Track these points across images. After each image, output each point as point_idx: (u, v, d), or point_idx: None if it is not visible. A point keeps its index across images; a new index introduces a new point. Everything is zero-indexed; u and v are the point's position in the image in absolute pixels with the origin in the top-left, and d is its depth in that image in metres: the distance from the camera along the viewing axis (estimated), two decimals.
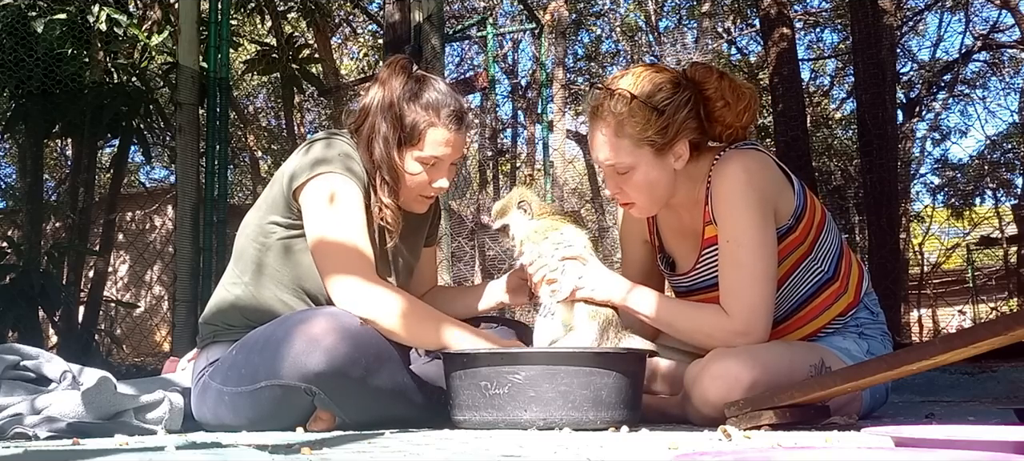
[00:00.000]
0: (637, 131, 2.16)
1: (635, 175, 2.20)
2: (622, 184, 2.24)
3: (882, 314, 2.42)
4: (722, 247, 2.19)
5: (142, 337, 9.05)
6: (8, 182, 12.16)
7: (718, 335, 2.17)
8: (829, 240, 2.33)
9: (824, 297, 2.31)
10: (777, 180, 2.22)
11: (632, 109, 2.15)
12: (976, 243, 16.30)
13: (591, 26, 17.29)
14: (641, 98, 2.15)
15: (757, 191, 2.15)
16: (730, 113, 2.24)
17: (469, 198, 10.33)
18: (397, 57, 2.31)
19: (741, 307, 2.15)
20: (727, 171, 2.17)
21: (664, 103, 2.16)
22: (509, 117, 17.53)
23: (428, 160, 2.20)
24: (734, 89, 2.24)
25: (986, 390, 3.96)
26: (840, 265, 2.33)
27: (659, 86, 2.18)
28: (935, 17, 16.31)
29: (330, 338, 1.94)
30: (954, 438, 1.37)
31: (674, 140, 2.18)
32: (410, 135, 2.18)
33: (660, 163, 2.19)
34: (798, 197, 2.25)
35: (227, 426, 2.09)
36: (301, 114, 15.71)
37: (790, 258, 2.26)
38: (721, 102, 2.23)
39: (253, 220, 2.24)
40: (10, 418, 1.91)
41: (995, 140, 16.83)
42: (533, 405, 1.92)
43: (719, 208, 2.19)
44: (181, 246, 4.71)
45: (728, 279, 2.18)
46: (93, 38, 5.87)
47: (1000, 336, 1.42)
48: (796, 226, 2.24)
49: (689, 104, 2.19)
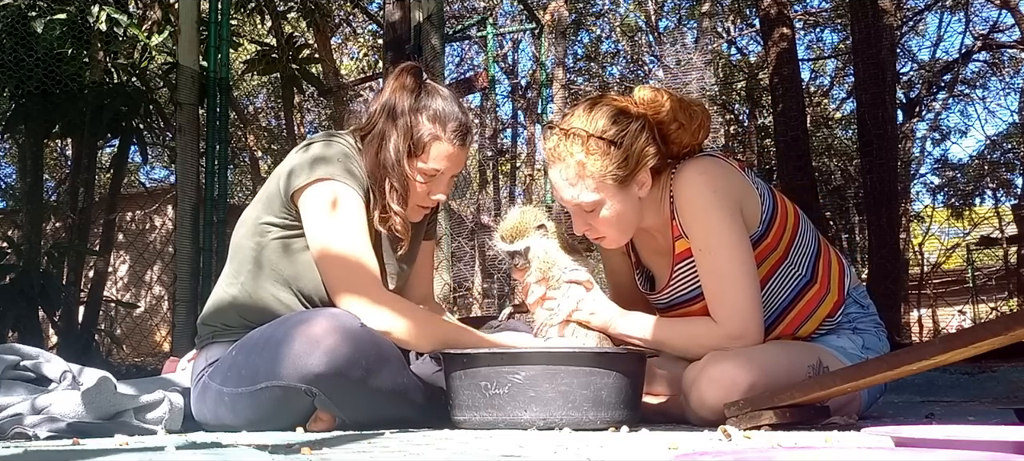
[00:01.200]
0: (598, 168, 2.15)
1: (602, 211, 2.19)
2: (590, 221, 2.23)
3: (872, 305, 2.41)
4: (697, 258, 2.19)
5: (142, 337, 9.05)
6: (8, 182, 12.16)
7: (714, 344, 2.17)
8: (804, 243, 2.31)
9: (806, 301, 2.29)
10: (738, 183, 2.21)
11: (589, 147, 2.14)
12: (976, 243, 16.30)
13: (591, 26, 17.30)
14: (597, 135, 2.15)
15: (718, 193, 2.15)
16: (685, 134, 2.23)
17: (469, 198, 10.32)
18: (407, 64, 2.30)
19: (729, 313, 2.15)
20: (685, 179, 2.17)
21: (620, 135, 2.15)
22: (509, 117, 17.55)
23: (430, 172, 2.22)
24: (685, 109, 2.23)
25: (986, 390, 3.96)
26: (817, 265, 2.31)
27: (613, 119, 2.16)
28: (935, 17, 16.35)
29: (330, 339, 1.94)
30: (954, 438, 1.37)
31: (635, 170, 2.17)
32: (416, 146, 2.19)
33: (624, 195, 2.19)
34: (766, 201, 2.24)
35: (227, 426, 2.08)
36: (301, 114, 15.71)
37: (765, 264, 2.24)
38: (675, 124, 2.21)
39: (250, 217, 2.23)
40: (10, 418, 1.91)
41: (995, 140, 16.85)
42: (533, 405, 1.92)
43: (685, 218, 2.19)
44: (181, 246, 4.72)
45: (710, 288, 2.18)
46: (93, 38, 5.88)
47: (1000, 336, 1.42)
48: (767, 232, 2.23)
49: (644, 131, 2.18)
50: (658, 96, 2.23)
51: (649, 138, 2.17)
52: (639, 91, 2.26)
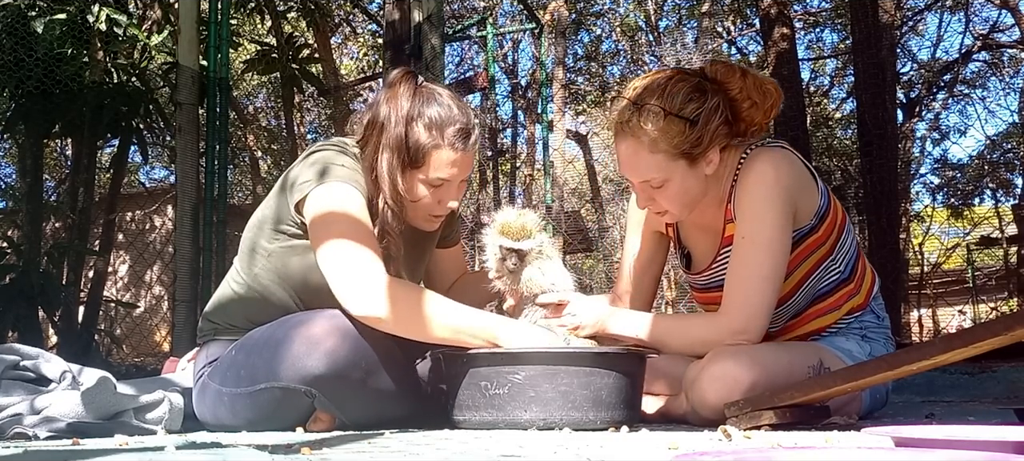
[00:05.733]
0: (672, 146, 2.12)
1: (670, 187, 2.18)
2: (655, 195, 2.21)
3: (887, 319, 2.42)
4: (737, 242, 2.17)
5: (142, 337, 9.05)
6: (8, 182, 12.16)
7: (713, 338, 2.16)
8: (848, 242, 2.33)
9: (837, 296, 2.31)
10: (803, 179, 2.20)
11: (664, 125, 2.11)
12: (976, 243, 16.30)
13: (591, 26, 17.29)
14: (674, 112, 2.11)
15: (783, 192, 2.14)
16: (758, 112, 2.21)
17: (469, 198, 10.32)
18: (402, 70, 2.23)
19: (741, 306, 2.14)
20: (757, 170, 2.15)
21: (696, 114, 2.12)
22: (509, 117, 17.54)
23: (434, 182, 2.14)
24: (759, 87, 2.21)
25: (986, 390, 3.95)
26: (857, 267, 2.34)
27: (689, 97, 2.13)
28: (935, 17, 16.34)
29: (330, 340, 1.93)
30: (954, 438, 1.36)
31: (707, 149, 2.16)
32: (414, 158, 2.11)
33: (694, 172, 2.17)
34: (822, 197, 2.25)
35: (226, 426, 2.08)
36: (301, 114, 15.71)
37: (812, 258, 2.25)
38: (747, 103, 2.19)
39: (257, 220, 2.21)
40: (10, 418, 1.91)
41: (995, 140, 16.84)
42: (533, 405, 1.92)
43: (742, 204, 2.17)
44: (181, 246, 4.72)
45: (735, 275, 2.17)
46: (93, 38, 5.88)
47: (1000, 336, 1.42)
48: (818, 226, 2.24)
49: (719, 110, 2.15)
50: (732, 72, 2.20)
51: (723, 117, 2.15)
52: (712, 65, 2.23)
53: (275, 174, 16.58)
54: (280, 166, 16.34)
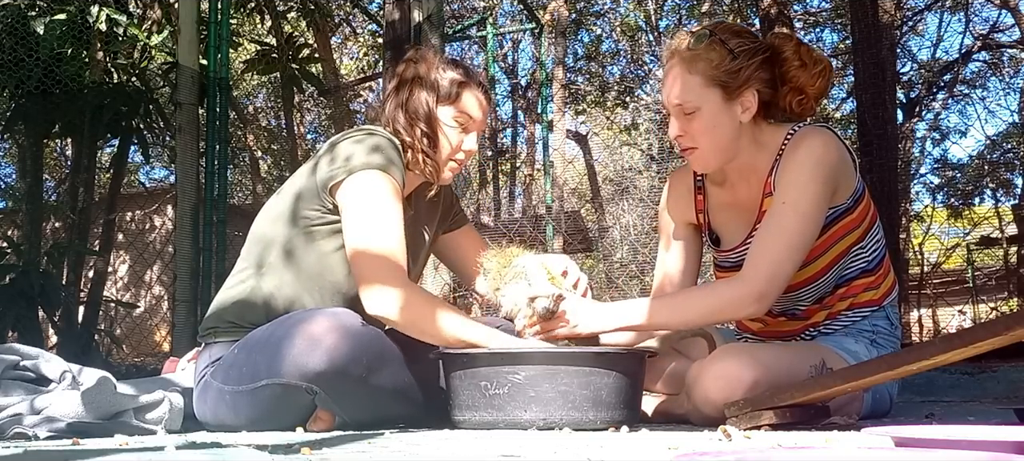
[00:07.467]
0: (710, 69, 2.18)
1: (701, 116, 2.21)
2: (686, 125, 2.24)
3: (900, 329, 2.41)
4: (774, 207, 2.18)
5: (142, 337, 9.06)
6: (8, 182, 12.16)
7: (730, 305, 2.17)
8: (879, 235, 2.36)
9: (858, 284, 2.32)
10: (846, 162, 2.24)
11: (708, 46, 2.19)
12: (976, 243, 16.29)
13: (591, 26, 17.28)
14: (719, 36, 2.21)
15: (829, 169, 2.17)
16: (805, 74, 2.25)
17: (469, 198, 10.31)
18: (415, 45, 2.41)
19: (765, 269, 2.12)
20: (806, 143, 2.19)
21: (740, 48, 2.20)
22: (509, 117, 17.54)
23: (463, 117, 2.28)
24: (809, 52, 2.28)
25: (986, 390, 3.96)
26: (882, 264, 2.36)
27: (739, 34, 2.24)
28: (935, 17, 16.31)
29: (331, 337, 1.94)
30: (954, 438, 1.36)
31: (744, 87, 2.20)
32: (448, 93, 2.27)
33: (727, 109, 2.21)
34: (859, 183, 2.29)
35: (227, 425, 2.08)
36: (301, 114, 15.72)
37: (845, 240, 2.27)
38: (797, 62, 2.25)
39: (276, 209, 2.21)
40: (10, 418, 1.90)
41: (995, 140, 16.83)
42: (533, 405, 1.92)
43: (787, 173, 2.19)
44: (181, 246, 4.72)
45: (764, 238, 2.16)
46: (93, 38, 5.88)
47: (1000, 336, 1.42)
48: (854, 207, 2.26)
49: (763, 56, 2.23)
50: (788, 38, 2.32)
51: (766, 64, 2.23)
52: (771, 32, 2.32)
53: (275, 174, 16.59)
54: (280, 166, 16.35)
